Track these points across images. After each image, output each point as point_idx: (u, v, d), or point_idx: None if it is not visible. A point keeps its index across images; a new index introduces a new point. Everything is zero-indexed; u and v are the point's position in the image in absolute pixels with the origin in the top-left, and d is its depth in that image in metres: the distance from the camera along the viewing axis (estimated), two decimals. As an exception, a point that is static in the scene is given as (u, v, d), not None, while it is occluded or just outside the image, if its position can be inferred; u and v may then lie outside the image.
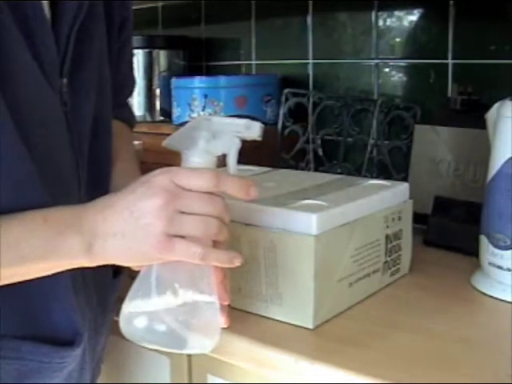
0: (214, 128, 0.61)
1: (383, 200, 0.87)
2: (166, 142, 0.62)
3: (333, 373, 0.65)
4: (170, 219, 0.54)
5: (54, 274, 0.59)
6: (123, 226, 0.55)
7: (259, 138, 0.60)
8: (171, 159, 1.13)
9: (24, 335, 0.62)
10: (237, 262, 0.57)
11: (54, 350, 0.64)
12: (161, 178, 0.56)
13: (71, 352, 0.65)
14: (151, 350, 0.86)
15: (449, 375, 0.63)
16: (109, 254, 0.56)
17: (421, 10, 1.22)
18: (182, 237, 0.55)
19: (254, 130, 0.60)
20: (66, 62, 0.65)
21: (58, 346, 0.64)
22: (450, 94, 1.17)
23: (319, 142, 1.31)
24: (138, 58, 1.51)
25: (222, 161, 0.62)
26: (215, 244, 0.59)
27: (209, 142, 0.60)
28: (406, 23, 1.25)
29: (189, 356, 0.83)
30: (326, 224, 0.74)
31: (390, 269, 0.87)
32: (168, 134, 0.64)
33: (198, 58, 1.59)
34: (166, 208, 0.54)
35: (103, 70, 0.73)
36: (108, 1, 0.73)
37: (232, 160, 0.61)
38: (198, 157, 0.60)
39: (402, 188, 0.89)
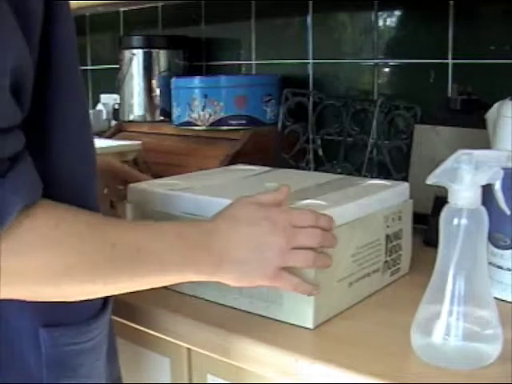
0: (476, 160, 0.63)
1: (383, 200, 0.87)
2: (431, 179, 0.64)
3: (333, 372, 0.65)
4: (286, 256, 0.66)
5: None
6: (247, 256, 0.65)
7: None
8: (171, 159, 1.13)
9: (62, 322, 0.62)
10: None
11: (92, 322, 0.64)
12: (282, 218, 0.67)
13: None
14: (150, 349, 0.86)
15: (449, 374, 0.63)
16: (229, 276, 0.65)
17: (421, 10, 1.22)
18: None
19: None
20: None
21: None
22: (449, 93, 1.18)
23: (319, 141, 1.31)
24: (138, 57, 1.52)
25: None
26: None
27: (473, 176, 0.63)
28: (405, 23, 1.25)
29: (189, 356, 0.83)
30: (326, 224, 0.74)
31: (390, 268, 0.87)
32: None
33: (198, 58, 1.59)
34: (285, 246, 0.66)
35: None
36: None
37: (499, 192, 0.66)
38: (466, 191, 0.63)
39: (402, 188, 0.89)
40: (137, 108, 1.54)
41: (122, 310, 0.80)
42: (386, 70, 1.28)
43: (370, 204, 0.82)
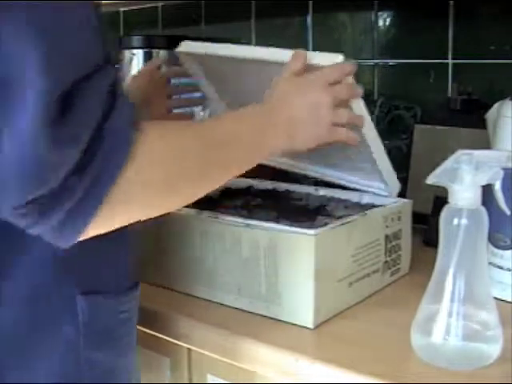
0: (476, 161, 0.63)
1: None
2: (431, 179, 0.65)
3: (333, 372, 0.65)
4: (335, 112, 0.74)
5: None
6: (309, 118, 0.73)
7: None
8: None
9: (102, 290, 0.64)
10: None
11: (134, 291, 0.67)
12: (318, 77, 0.75)
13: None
14: (150, 349, 0.86)
15: (449, 374, 0.63)
16: (300, 138, 0.73)
17: (421, 10, 1.22)
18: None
19: None
20: None
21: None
22: (449, 93, 1.18)
23: (319, 141, 1.31)
24: (138, 57, 1.51)
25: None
26: None
27: (474, 176, 0.63)
28: (405, 23, 1.25)
29: (189, 356, 0.83)
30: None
31: (389, 269, 0.87)
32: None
33: (198, 58, 1.59)
34: (332, 103, 0.74)
35: None
36: None
37: (499, 192, 0.67)
38: (466, 191, 0.63)
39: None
40: (137, 108, 1.53)
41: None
42: (386, 69, 1.28)
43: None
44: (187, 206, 0.79)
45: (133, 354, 0.68)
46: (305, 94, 0.74)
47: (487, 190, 0.71)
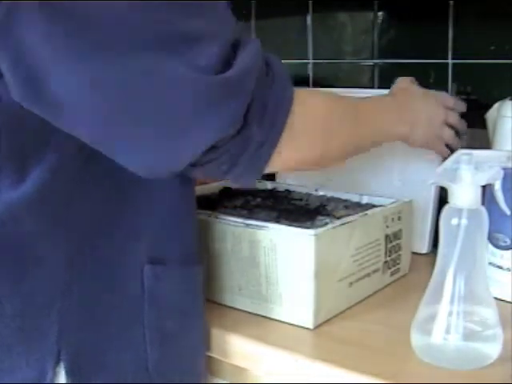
0: (476, 161, 0.63)
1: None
2: (433, 180, 0.67)
3: (333, 372, 0.65)
4: (443, 128, 0.88)
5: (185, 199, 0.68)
6: (426, 121, 0.85)
7: None
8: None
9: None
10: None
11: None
12: (438, 96, 0.89)
13: None
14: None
15: (449, 374, 0.63)
16: (415, 136, 0.83)
17: (421, 10, 1.22)
18: None
19: None
20: None
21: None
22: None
23: (319, 141, 1.31)
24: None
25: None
26: None
27: (473, 176, 0.63)
28: (405, 23, 1.25)
29: (189, 356, 0.83)
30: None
31: (389, 269, 0.87)
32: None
33: (197, 58, 1.59)
34: (443, 120, 0.88)
35: None
36: None
37: (499, 192, 0.68)
38: (466, 191, 0.63)
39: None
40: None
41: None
42: (386, 69, 1.28)
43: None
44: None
45: (198, 325, 0.71)
46: (427, 102, 0.86)
47: (487, 190, 0.71)
